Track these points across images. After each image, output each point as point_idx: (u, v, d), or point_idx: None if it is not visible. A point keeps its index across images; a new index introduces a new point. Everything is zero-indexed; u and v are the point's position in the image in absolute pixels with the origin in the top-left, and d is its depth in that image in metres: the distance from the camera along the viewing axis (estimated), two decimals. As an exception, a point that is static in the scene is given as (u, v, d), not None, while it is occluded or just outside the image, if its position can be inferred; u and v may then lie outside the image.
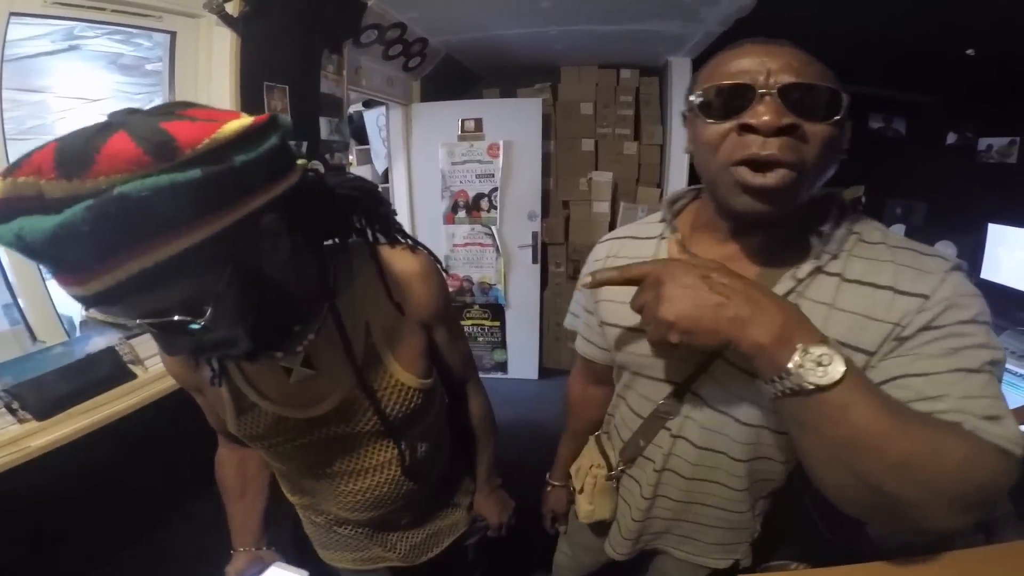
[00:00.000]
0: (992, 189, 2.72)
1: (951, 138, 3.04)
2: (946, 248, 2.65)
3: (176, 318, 0.47)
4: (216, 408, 0.79)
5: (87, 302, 0.43)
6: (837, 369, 0.45)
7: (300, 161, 0.57)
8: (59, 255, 0.40)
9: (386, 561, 0.99)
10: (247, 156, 0.46)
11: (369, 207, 0.73)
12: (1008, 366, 1.62)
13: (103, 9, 1.33)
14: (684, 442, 0.78)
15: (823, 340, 0.47)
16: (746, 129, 0.55)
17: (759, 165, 0.54)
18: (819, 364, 0.45)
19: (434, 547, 1.02)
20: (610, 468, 0.93)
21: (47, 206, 0.38)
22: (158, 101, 3.38)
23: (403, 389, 0.76)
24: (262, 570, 0.94)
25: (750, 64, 0.56)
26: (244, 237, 0.49)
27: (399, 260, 0.75)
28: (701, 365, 0.70)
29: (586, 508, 0.97)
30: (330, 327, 0.69)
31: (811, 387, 0.45)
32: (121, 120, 0.42)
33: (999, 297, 2.20)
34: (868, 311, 0.59)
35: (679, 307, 0.51)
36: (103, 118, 0.44)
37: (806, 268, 0.62)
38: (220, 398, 0.75)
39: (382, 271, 0.72)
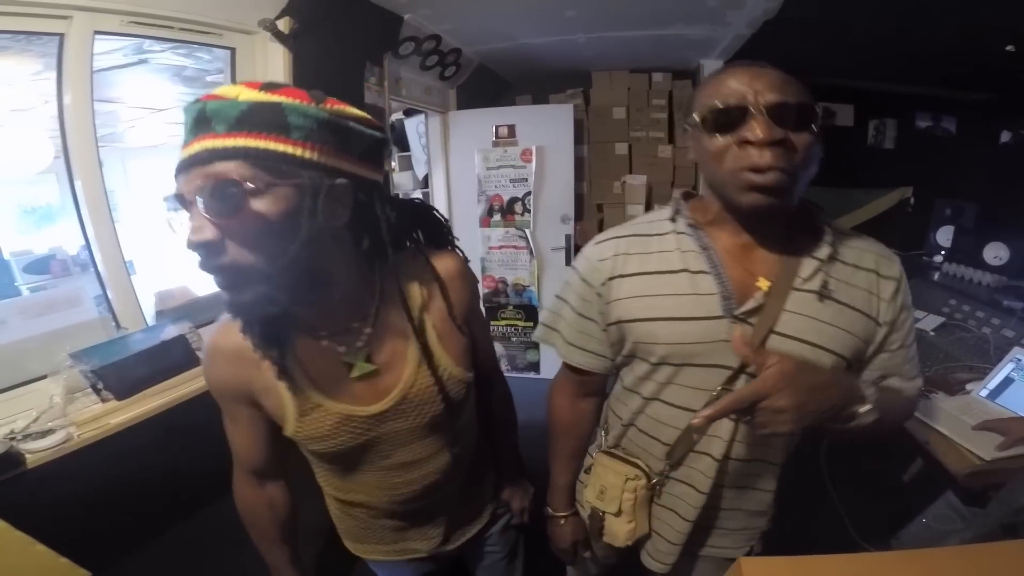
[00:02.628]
0: (1050, 189, 2.59)
1: (1005, 136, 2.90)
2: (997, 250, 2.53)
3: (241, 182, 0.56)
4: (275, 413, 0.77)
5: (191, 160, 0.57)
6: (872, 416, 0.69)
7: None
8: (212, 121, 0.56)
9: (416, 553, 0.99)
10: (358, 128, 0.64)
11: (428, 221, 0.86)
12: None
13: (171, 28, 1.49)
14: (744, 426, 0.78)
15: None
16: (745, 143, 0.65)
17: (759, 170, 0.65)
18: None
19: (461, 536, 1.02)
20: (650, 478, 0.88)
21: (229, 103, 0.57)
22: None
23: (454, 381, 0.82)
24: None
25: (739, 85, 0.67)
26: (321, 181, 0.60)
27: (444, 262, 0.83)
28: (761, 344, 0.72)
29: (627, 529, 0.91)
30: (388, 321, 0.76)
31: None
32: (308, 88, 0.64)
33: (1052, 301, 2.10)
34: (870, 287, 0.76)
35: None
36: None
37: (824, 252, 0.75)
38: (280, 402, 0.75)
39: (438, 275, 0.81)
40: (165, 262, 2.82)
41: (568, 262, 3.22)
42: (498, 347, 3.36)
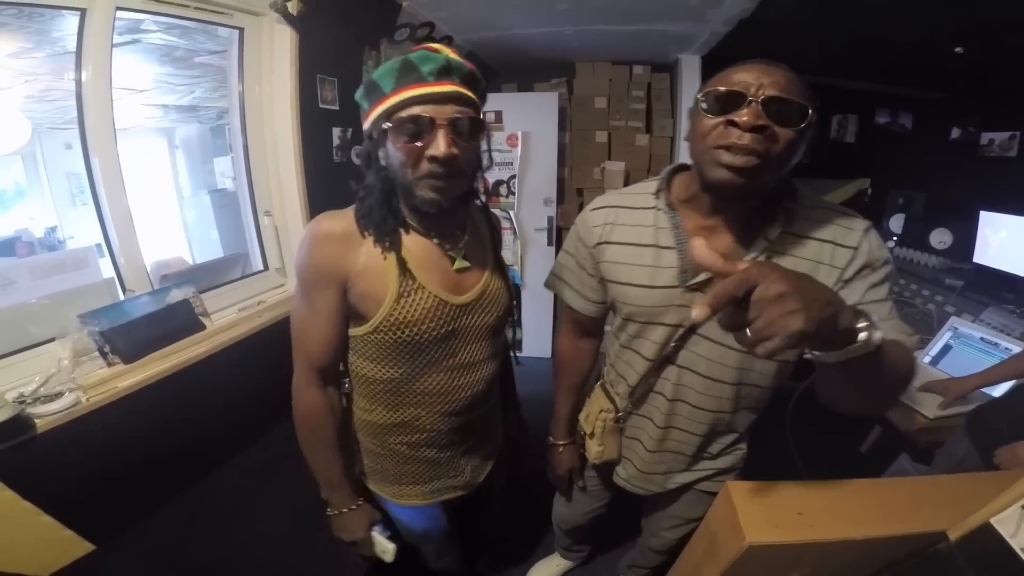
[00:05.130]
0: (990, 180, 2.80)
1: (955, 133, 3.11)
2: (942, 235, 2.77)
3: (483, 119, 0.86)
4: (371, 294, 0.87)
5: (447, 96, 0.79)
6: (879, 335, 0.58)
7: None
8: (454, 72, 0.80)
9: (452, 491, 1.10)
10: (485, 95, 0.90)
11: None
12: (987, 337, 1.78)
13: (187, 6, 1.53)
14: (691, 373, 0.95)
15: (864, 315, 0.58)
16: (731, 124, 0.71)
17: (735, 150, 0.72)
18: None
19: (484, 470, 1.16)
20: (617, 411, 1.06)
21: (460, 62, 0.81)
22: (199, 92, 3.42)
23: (509, 291, 1.03)
24: (375, 523, 1.06)
25: (748, 77, 0.72)
26: (475, 119, 0.84)
27: (494, 214, 1.13)
28: None
29: (596, 450, 1.10)
30: (474, 234, 0.99)
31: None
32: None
33: (988, 278, 2.31)
34: (819, 258, 0.82)
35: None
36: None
37: (774, 232, 0.82)
38: (382, 282, 0.87)
39: (491, 219, 1.09)
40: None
41: (550, 242, 3.34)
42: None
